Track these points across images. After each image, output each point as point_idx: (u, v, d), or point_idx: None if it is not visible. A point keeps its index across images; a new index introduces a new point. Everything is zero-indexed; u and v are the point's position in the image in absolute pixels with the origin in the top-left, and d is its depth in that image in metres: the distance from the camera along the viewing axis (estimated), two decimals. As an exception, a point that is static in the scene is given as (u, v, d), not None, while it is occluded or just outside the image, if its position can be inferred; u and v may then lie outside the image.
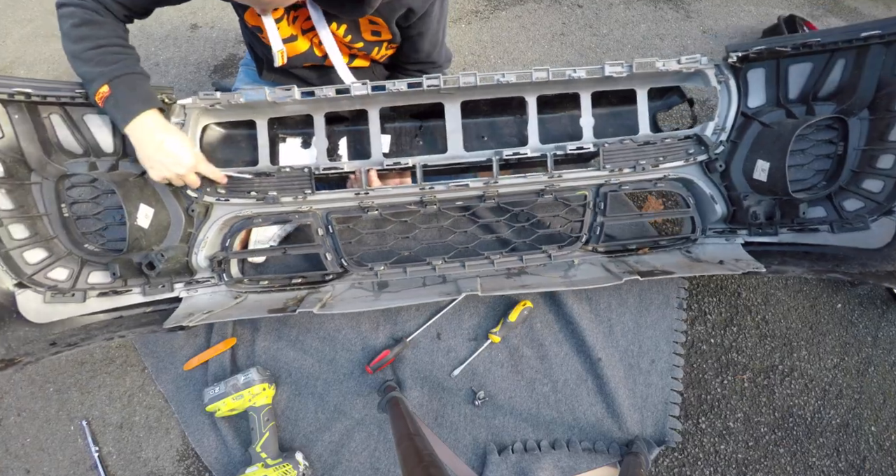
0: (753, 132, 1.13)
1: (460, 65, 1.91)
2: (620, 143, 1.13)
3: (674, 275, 1.13)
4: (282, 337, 1.29)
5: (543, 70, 1.05)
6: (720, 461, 1.15)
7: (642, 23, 2.04)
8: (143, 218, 1.04)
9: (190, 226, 1.11)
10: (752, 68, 1.11)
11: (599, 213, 1.18)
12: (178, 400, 1.23)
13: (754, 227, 1.17)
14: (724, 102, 1.13)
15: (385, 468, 1.15)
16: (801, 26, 1.68)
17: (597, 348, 1.23)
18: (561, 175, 1.13)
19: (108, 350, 1.32)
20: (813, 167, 1.14)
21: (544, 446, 1.14)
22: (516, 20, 2.06)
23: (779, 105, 1.12)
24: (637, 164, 1.13)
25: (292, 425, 1.20)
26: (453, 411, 1.20)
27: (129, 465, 1.19)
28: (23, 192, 1.01)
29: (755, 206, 1.14)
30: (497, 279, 1.19)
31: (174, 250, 1.09)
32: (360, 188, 1.10)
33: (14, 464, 1.21)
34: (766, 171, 1.09)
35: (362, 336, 1.28)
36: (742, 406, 1.20)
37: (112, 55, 0.95)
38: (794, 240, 1.15)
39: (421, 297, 1.15)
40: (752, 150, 1.13)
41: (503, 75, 1.05)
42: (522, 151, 1.11)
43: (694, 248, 1.24)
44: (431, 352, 1.26)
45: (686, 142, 1.15)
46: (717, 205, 1.18)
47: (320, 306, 1.08)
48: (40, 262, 1.02)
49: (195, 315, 1.09)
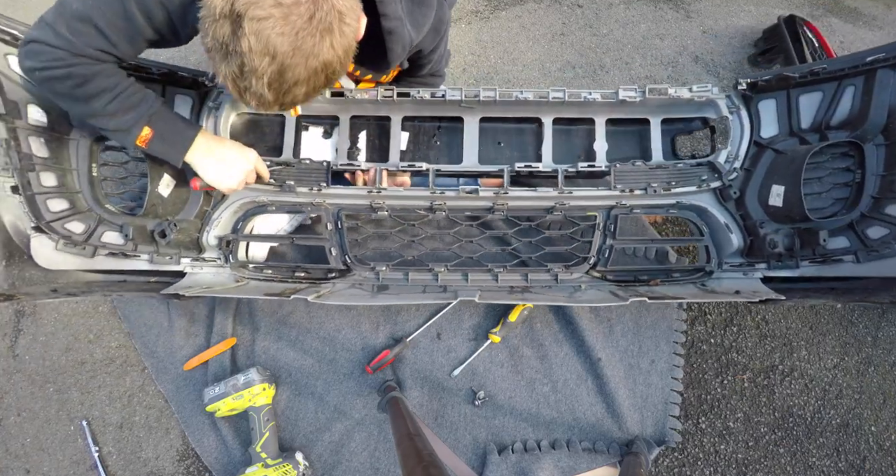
0: (767, 160, 1.12)
1: (460, 65, 1.91)
2: (632, 164, 1.12)
3: (684, 299, 1.11)
4: (282, 337, 1.29)
5: (560, 91, 1.08)
6: (720, 461, 1.15)
7: (642, 23, 2.04)
8: (164, 187, 1.09)
9: (207, 204, 1.15)
10: (763, 99, 1.11)
11: (609, 236, 1.16)
12: (178, 400, 1.23)
13: (773, 260, 1.10)
14: (737, 132, 1.12)
15: (385, 468, 1.15)
16: (801, 26, 1.67)
17: (597, 348, 1.23)
18: (571, 192, 1.12)
19: (108, 350, 1.32)
20: (831, 195, 1.10)
21: (544, 446, 1.14)
22: (516, 20, 2.06)
23: (792, 134, 1.10)
24: (648, 187, 1.12)
25: (292, 425, 1.20)
26: (453, 411, 1.20)
27: (129, 465, 1.19)
28: (60, 144, 1.04)
29: (773, 235, 1.08)
30: (498, 294, 1.17)
31: (187, 224, 1.13)
32: (373, 187, 1.12)
33: (14, 464, 1.21)
34: (781, 196, 1.07)
35: (362, 336, 1.28)
36: (742, 406, 1.20)
37: (133, 96, 0.88)
38: (818, 273, 1.06)
39: (418, 299, 1.16)
40: (766, 176, 1.11)
41: (521, 92, 1.09)
42: (534, 165, 1.12)
43: (709, 282, 1.16)
44: (431, 352, 1.26)
45: (699, 168, 1.13)
46: (733, 235, 1.13)
47: (316, 296, 1.09)
48: (61, 211, 1.05)
49: (194, 288, 1.12)
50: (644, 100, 1.09)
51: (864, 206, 1.05)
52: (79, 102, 0.85)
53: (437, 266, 1.18)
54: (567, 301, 1.13)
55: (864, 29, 2.06)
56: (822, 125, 1.07)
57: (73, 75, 0.81)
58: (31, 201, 1.00)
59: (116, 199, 1.14)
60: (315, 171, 1.13)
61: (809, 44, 1.64)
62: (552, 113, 1.15)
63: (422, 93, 1.08)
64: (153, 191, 1.06)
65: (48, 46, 0.78)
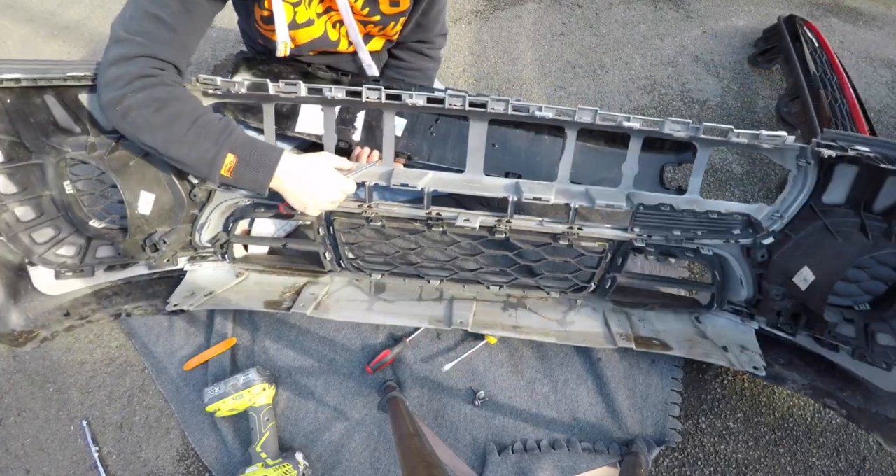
0: (813, 231, 0.95)
1: (460, 65, 1.91)
2: (658, 209, 0.98)
3: (670, 352, 1.07)
4: (282, 337, 1.29)
5: (589, 111, 0.89)
6: (720, 461, 1.15)
7: (642, 23, 2.04)
8: (144, 205, 1.01)
9: (193, 207, 1.10)
10: (845, 164, 0.91)
11: (614, 269, 1.10)
12: (178, 400, 1.23)
13: (773, 318, 1.07)
14: (795, 190, 0.95)
15: (385, 468, 1.15)
16: (801, 26, 1.68)
17: (597, 348, 1.23)
18: (581, 228, 1.02)
19: (108, 350, 1.32)
20: (864, 285, 0.99)
21: (544, 446, 1.14)
22: (516, 20, 2.06)
23: (857, 212, 0.93)
24: (670, 234, 0.99)
25: (292, 425, 1.20)
26: (453, 411, 1.20)
27: (129, 465, 1.19)
28: (25, 173, 1.00)
29: (781, 303, 1.02)
30: (492, 310, 1.17)
31: (178, 232, 1.09)
32: (365, 202, 1.04)
33: (14, 464, 1.21)
34: (807, 283, 0.93)
35: (362, 336, 1.29)
36: (742, 406, 1.20)
37: (212, 123, 0.86)
38: (811, 346, 1.07)
39: (413, 317, 1.14)
40: (802, 251, 0.95)
41: (540, 108, 0.90)
42: (545, 197, 0.96)
43: (704, 319, 1.17)
44: (431, 352, 1.26)
45: (732, 219, 0.98)
46: (744, 289, 1.07)
47: (314, 308, 1.09)
48: (49, 240, 1.03)
49: (196, 296, 1.13)
50: (696, 136, 0.91)
51: (890, 311, 0.94)
52: (157, 129, 0.83)
53: (433, 276, 1.17)
54: (557, 336, 1.11)
55: (864, 29, 2.06)
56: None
57: (152, 98, 0.81)
58: (15, 240, 0.98)
59: (101, 214, 1.10)
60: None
61: (809, 44, 1.64)
62: (577, 125, 0.96)
63: (415, 98, 0.92)
64: (134, 213, 0.98)
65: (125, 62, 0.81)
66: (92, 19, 2.17)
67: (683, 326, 1.16)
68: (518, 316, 1.16)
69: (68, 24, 2.16)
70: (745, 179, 1.57)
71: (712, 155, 1.62)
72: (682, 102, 1.77)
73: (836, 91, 1.45)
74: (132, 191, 0.98)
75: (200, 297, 1.14)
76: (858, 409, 1.00)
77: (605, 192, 1.00)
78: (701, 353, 1.07)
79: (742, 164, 1.60)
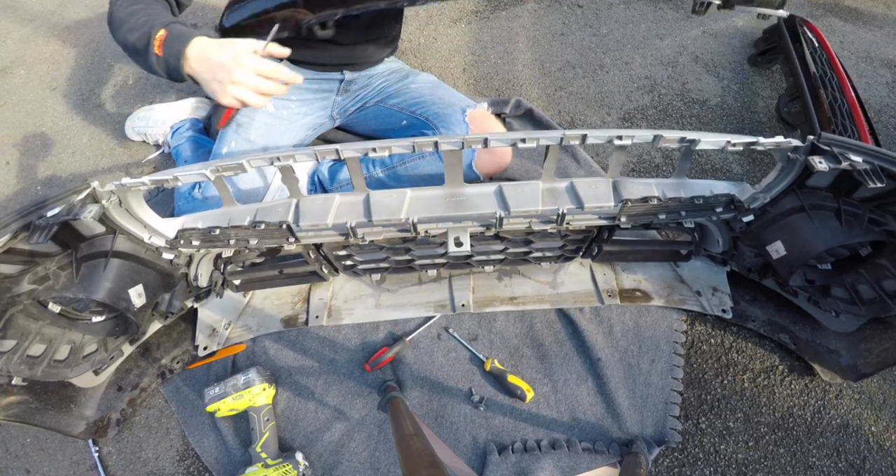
0: (791, 210, 0.97)
1: (460, 65, 1.91)
2: (645, 202, 0.99)
3: (651, 303, 1.24)
4: (281, 337, 1.29)
5: (628, 138, 0.84)
6: (720, 461, 1.15)
7: (642, 23, 2.04)
8: (137, 299, 0.98)
9: (181, 269, 1.12)
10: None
11: (601, 241, 1.16)
12: (178, 400, 1.23)
13: (744, 270, 1.20)
14: (781, 177, 0.96)
15: (385, 468, 1.15)
16: (801, 26, 1.68)
17: (597, 348, 1.23)
18: (570, 223, 1.04)
19: (108, 350, 1.32)
20: (830, 252, 1.03)
21: (544, 446, 1.14)
22: (516, 20, 2.06)
23: (836, 198, 0.93)
24: (656, 218, 1.04)
25: (292, 425, 1.20)
26: (453, 411, 1.20)
27: (129, 465, 1.19)
28: (9, 322, 0.92)
29: (753, 260, 1.12)
30: (489, 282, 1.28)
31: (177, 293, 1.13)
32: (348, 229, 0.99)
33: (14, 464, 1.21)
34: (779, 254, 0.98)
35: (362, 335, 1.28)
36: (742, 406, 1.20)
37: (161, 13, 1.05)
38: (775, 288, 1.21)
39: (420, 307, 1.26)
40: (778, 227, 0.98)
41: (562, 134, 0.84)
42: (532, 209, 0.97)
43: (682, 265, 1.29)
44: (431, 352, 1.26)
45: (715, 200, 1.00)
46: (720, 246, 1.17)
47: (328, 316, 1.23)
48: (69, 355, 1.05)
49: (218, 332, 1.25)
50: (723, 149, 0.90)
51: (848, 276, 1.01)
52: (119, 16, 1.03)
53: (430, 266, 1.25)
54: (550, 300, 1.25)
55: (864, 29, 2.06)
56: (874, 204, 0.91)
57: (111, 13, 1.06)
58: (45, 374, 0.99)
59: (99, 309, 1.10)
60: (276, 231, 1.00)
61: (809, 44, 1.64)
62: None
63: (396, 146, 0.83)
64: (132, 311, 0.98)
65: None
66: (92, 19, 2.17)
67: (664, 271, 1.30)
68: (513, 284, 1.29)
69: (68, 24, 2.17)
70: (745, 179, 1.57)
71: (712, 155, 1.63)
72: (682, 102, 1.78)
73: (836, 91, 1.45)
74: (117, 296, 0.93)
75: (222, 333, 1.25)
76: (806, 340, 1.16)
77: (592, 187, 1.00)
78: (678, 300, 1.22)
79: (742, 164, 1.60)
